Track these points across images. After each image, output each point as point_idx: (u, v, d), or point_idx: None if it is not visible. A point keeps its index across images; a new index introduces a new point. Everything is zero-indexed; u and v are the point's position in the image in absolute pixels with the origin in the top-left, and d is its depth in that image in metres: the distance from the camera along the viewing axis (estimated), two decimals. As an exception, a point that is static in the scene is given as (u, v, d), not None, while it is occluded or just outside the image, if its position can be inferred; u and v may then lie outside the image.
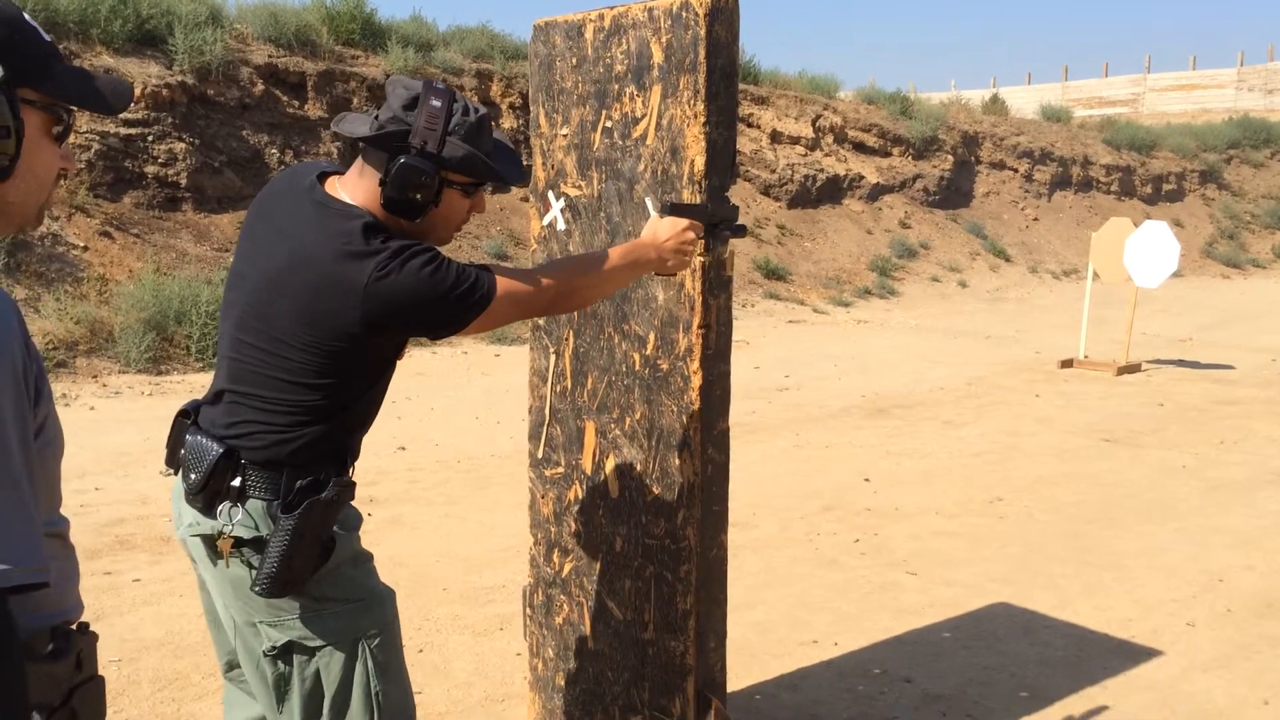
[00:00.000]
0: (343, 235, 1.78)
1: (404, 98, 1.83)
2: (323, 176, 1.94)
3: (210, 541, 1.87)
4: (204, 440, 1.86)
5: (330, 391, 1.85)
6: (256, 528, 1.84)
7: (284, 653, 1.90)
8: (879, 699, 3.35)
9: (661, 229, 2.08)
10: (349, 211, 1.83)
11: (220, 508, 1.84)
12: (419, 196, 1.83)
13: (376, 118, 1.85)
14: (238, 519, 1.83)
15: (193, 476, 1.84)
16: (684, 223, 2.09)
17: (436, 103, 1.83)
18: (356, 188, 1.88)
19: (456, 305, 1.80)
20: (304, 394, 1.83)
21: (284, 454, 1.85)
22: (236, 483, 1.83)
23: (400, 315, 1.79)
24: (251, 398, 1.86)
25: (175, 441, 1.96)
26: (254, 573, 1.83)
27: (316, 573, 1.86)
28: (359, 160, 1.90)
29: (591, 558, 2.62)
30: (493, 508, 5.27)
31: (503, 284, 1.87)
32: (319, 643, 1.89)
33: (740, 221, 2.24)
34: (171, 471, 1.98)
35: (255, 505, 1.84)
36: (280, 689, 1.91)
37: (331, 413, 1.87)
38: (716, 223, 2.18)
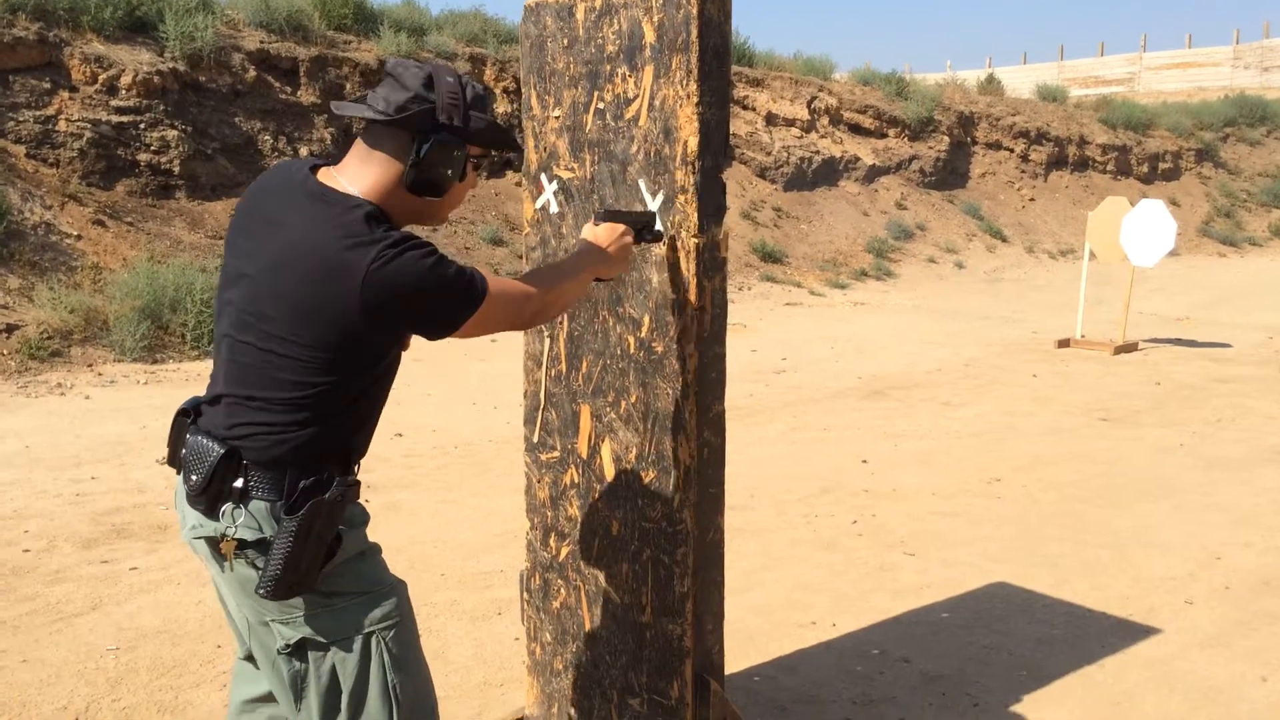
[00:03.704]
0: (344, 225, 1.76)
1: (420, 76, 1.82)
2: (314, 169, 1.90)
3: (214, 544, 1.84)
4: (205, 441, 1.82)
5: (331, 390, 1.81)
6: (260, 529, 1.80)
7: (298, 650, 1.88)
8: (878, 680, 3.36)
9: (602, 234, 2.15)
10: (349, 201, 1.81)
11: (223, 509, 1.81)
12: (450, 172, 1.85)
13: (385, 99, 1.82)
14: (240, 520, 1.80)
15: (194, 478, 1.81)
16: (620, 227, 2.18)
17: (451, 79, 1.85)
18: (359, 175, 1.85)
19: (454, 299, 1.80)
20: (304, 392, 1.80)
21: (286, 453, 1.81)
22: (239, 484, 1.80)
23: (399, 305, 1.76)
24: (252, 399, 1.82)
25: (176, 441, 1.93)
26: (259, 574, 1.80)
27: (323, 570, 1.83)
28: (359, 146, 1.87)
29: (588, 542, 2.61)
30: (490, 493, 5.27)
31: (494, 285, 1.86)
32: (332, 638, 1.87)
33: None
34: (173, 468, 1.96)
35: (258, 506, 1.81)
36: (297, 686, 1.90)
37: (332, 412, 1.84)
38: (639, 228, 2.23)
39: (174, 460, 1.95)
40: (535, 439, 2.74)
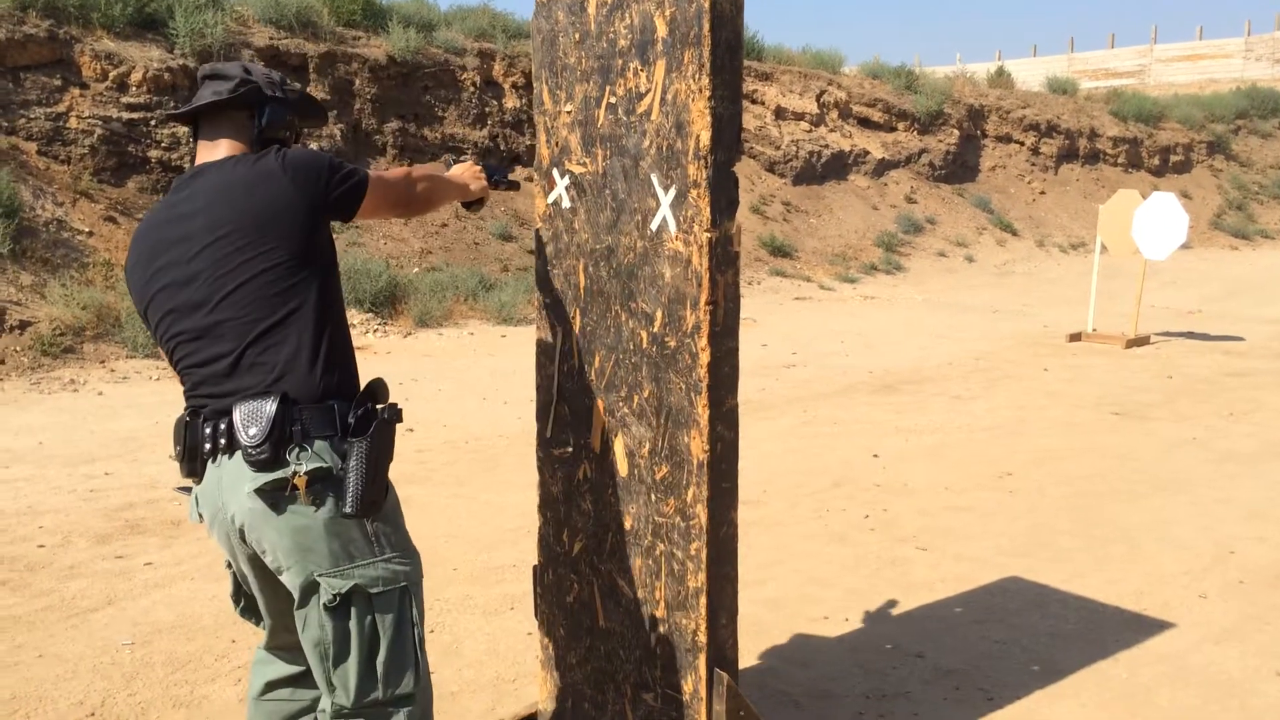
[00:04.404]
0: (236, 161, 2.08)
1: (237, 67, 2.19)
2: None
3: (275, 493, 1.94)
4: (253, 402, 1.96)
5: (315, 289, 2.04)
6: (325, 461, 1.96)
7: (343, 605, 1.99)
8: (891, 674, 3.35)
9: (457, 169, 2.57)
10: (224, 158, 2.11)
11: (288, 453, 1.95)
12: (288, 134, 2.20)
13: (214, 91, 2.13)
14: (306, 457, 1.95)
15: (253, 430, 1.94)
16: (469, 161, 2.60)
17: (259, 66, 2.25)
18: (214, 154, 2.13)
19: (347, 171, 2.11)
20: (299, 299, 2.01)
21: (320, 375, 2.00)
22: (297, 428, 1.96)
23: (318, 178, 2.05)
24: (269, 333, 1.99)
25: (194, 438, 2.03)
26: (322, 510, 1.95)
27: (383, 507, 2.03)
28: (202, 144, 2.16)
29: (601, 536, 2.61)
30: (501, 488, 5.28)
31: (371, 171, 2.21)
32: (380, 588, 2.02)
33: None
34: (191, 476, 2.06)
35: (321, 444, 1.97)
36: (340, 645, 2.00)
37: (325, 316, 2.05)
38: (493, 173, 2.64)
39: (193, 460, 2.04)
40: (548, 434, 2.74)
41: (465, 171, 2.56)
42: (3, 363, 7.53)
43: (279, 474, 1.94)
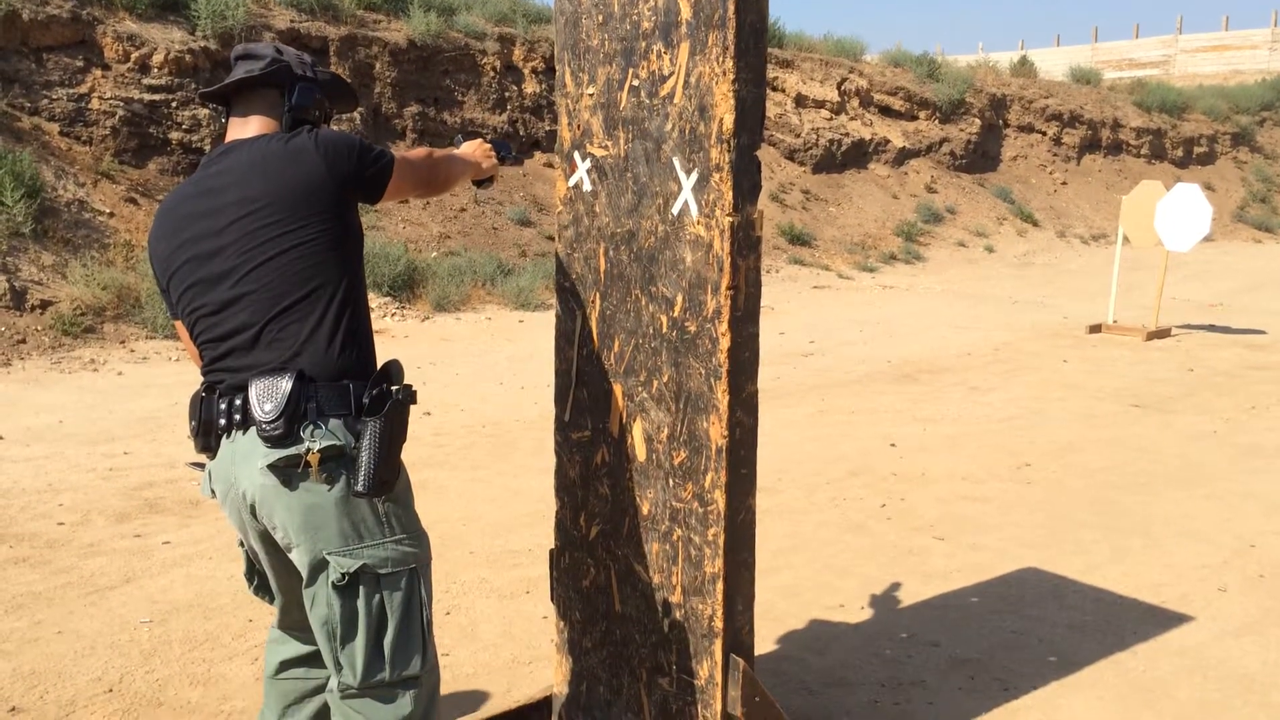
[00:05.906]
0: (269, 138, 2.09)
1: (269, 47, 2.21)
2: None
3: (287, 469, 1.95)
4: (269, 378, 1.97)
5: (339, 264, 2.05)
6: (338, 439, 1.97)
7: (351, 584, 1.99)
8: (906, 663, 3.34)
9: (469, 145, 2.60)
10: (256, 135, 2.12)
11: (303, 429, 1.95)
12: (317, 113, 2.20)
13: (246, 70, 2.15)
14: (321, 434, 1.95)
15: (268, 406, 1.94)
16: (478, 140, 2.63)
17: (291, 48, 2.25)
18: (245, 131, 2.15)
19: (375, 152, 2.13)
20: (324, 277, 2.02)
21: (338, 354, 2.01)
22: (312, 405, 1.96)
23: (348, 157, 2.07)
24: (290, 309, 2.00)
25: (209, 414, 2.04)
26: (334, 488, 1.96)
27: (394, 487, 2.02)
28: (233, 120, 2.18)
29: (618, 521, 2.60)
30: (518, 472, 5.28)
31: (395, 151, 2.22)
32: (387, 569, 2.02)
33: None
34: (206, 450, 2.07)
35: (335, 423, 1.98)
36: (347, 625, 2.00)
37: (349, 296, 2.06)
38: (499, 148, 2.70)
39: (207, 435, 2.05)
40: (566, 418, 2.74)
41: (477, 150, 2.58)
42: (24, 342, 7.58)
43: (292, 450, 1.94)
